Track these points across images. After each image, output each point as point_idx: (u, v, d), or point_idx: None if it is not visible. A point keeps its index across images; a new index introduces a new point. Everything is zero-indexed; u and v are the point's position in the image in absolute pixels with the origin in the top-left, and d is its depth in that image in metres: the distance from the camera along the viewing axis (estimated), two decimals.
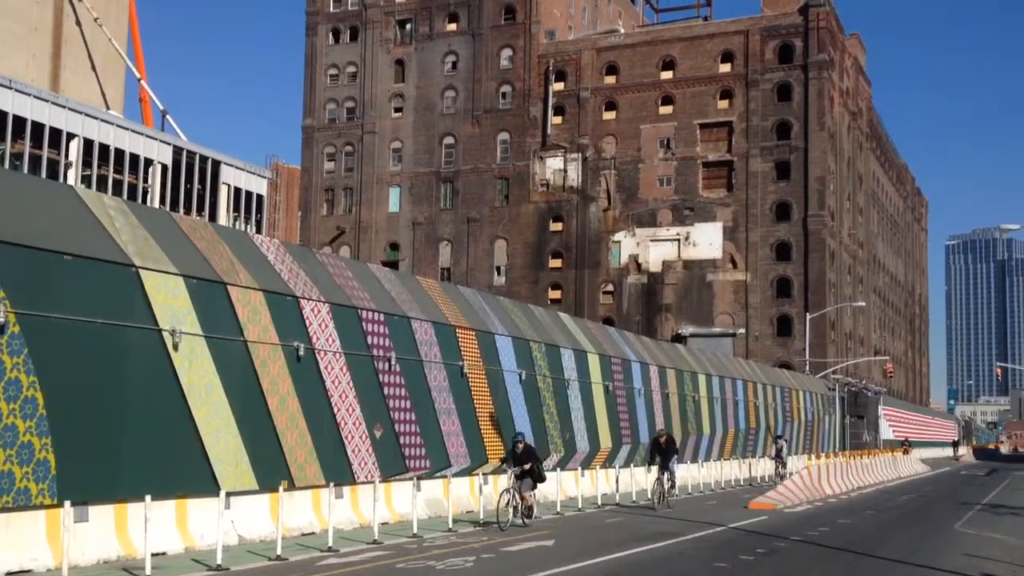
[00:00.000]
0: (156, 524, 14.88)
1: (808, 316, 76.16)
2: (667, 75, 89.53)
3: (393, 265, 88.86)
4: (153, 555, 14.24)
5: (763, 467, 45.64)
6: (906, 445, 73.25)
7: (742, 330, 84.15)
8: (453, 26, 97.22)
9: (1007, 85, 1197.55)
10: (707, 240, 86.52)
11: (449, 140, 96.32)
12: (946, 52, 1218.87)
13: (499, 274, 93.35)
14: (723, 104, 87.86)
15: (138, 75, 69.84)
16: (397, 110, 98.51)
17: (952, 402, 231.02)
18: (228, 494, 16.52)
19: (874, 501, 32.50)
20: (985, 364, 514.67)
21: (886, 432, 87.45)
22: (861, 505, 30.41)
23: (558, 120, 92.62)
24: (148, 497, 14.17)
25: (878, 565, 16.97)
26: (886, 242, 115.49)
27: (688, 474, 36.91)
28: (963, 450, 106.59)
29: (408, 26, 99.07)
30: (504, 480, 23.21)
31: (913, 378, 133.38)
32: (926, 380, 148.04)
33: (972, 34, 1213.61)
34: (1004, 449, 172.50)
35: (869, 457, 45.70)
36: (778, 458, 43.18)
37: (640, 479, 31.65)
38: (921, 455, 77.34)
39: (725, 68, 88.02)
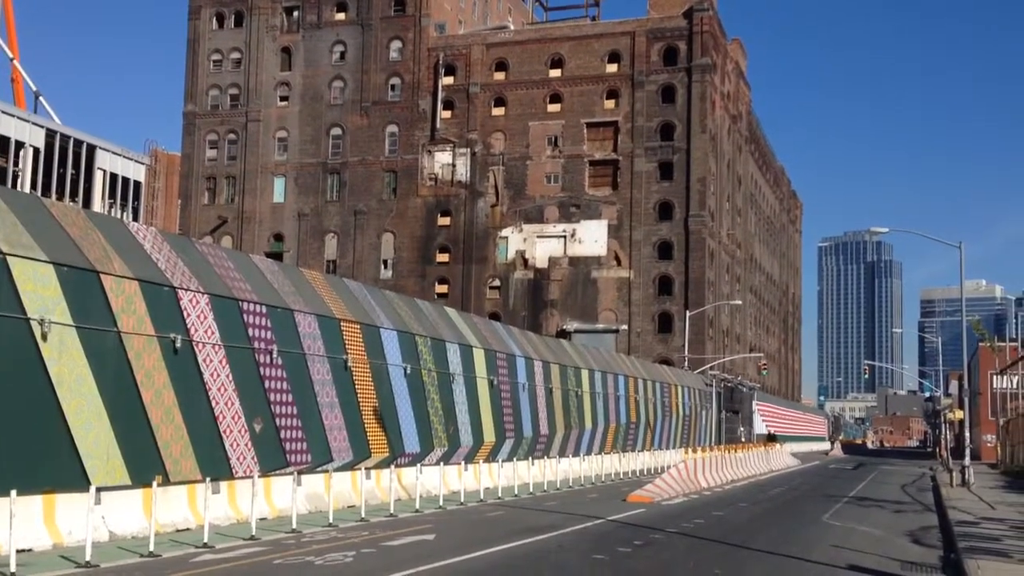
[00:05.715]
0: (22, 520, 14.34)
1: (688, 313, 78.08)
2: (555, 73, 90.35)
3: (277, 257, 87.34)
4: (19, 551, 13.72)
5: (643, 460, 46.53)
6: (770, 439, 76.00)
7: (625, 326, 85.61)
8: (342, 15, 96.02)
9: (881, 97, 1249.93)
10: (592, 238, 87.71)
11: (336, 131, 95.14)
12: (825, 60, 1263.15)
13: (386, 267, 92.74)
14: (609, 104, 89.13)
15: (10, 55, 66.96)
16: (283, 99, 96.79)
17: (822, 398, 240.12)
18: (98, 489, 16.02)
19: (747, 494, 33.52)
20: (854, 362, 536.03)
21: (760, 427, 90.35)
22: (735, 498, 31.33)
23: (447, 114, 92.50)
24: (13, 492, 13.67)
25: (749, 556, 17.52)
26: (763, 243, 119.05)
27: (570, 467, 37.39)
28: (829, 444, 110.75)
29: (295, 13, 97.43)
30: None
31: (786, 375, 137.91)
32: (798, 377, 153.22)
33: (852, 40, 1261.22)
34: (870, 444, 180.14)
35: (743, 451, 47.10)
36: None
37: (523, 473, 31.91)
38: (792, 449, 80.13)
39: (612, 68, 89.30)
